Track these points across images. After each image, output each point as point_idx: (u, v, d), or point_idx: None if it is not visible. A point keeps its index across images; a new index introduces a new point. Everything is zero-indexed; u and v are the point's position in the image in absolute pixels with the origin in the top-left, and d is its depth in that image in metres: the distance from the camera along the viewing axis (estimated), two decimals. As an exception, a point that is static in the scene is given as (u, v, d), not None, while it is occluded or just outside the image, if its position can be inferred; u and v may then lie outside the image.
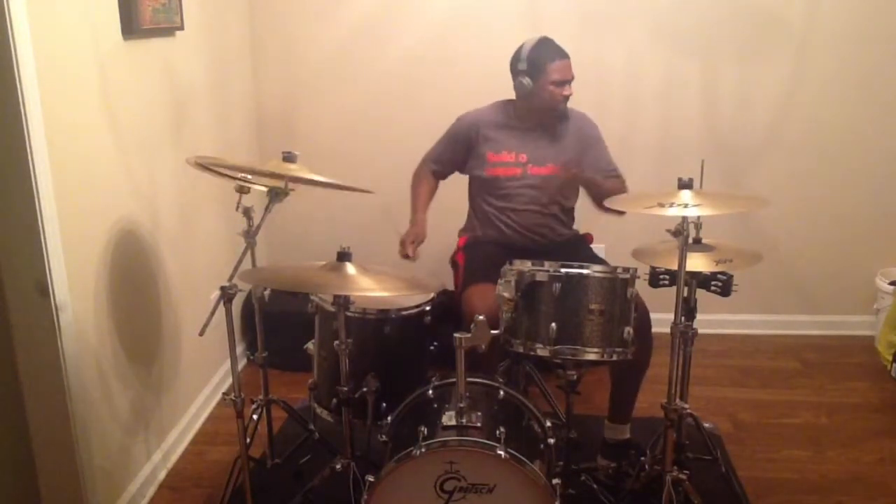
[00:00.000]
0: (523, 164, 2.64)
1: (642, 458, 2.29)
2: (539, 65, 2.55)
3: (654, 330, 2.36)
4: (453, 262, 2.76)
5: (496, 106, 2.73)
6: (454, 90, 3.34)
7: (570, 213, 2.76)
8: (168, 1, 2.52)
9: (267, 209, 2.10)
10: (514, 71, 2.61)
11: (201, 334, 2.00)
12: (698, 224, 2.17)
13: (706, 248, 2.22)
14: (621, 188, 2.65)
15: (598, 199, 2.48)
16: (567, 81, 2.57)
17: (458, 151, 2.74)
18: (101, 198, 2.22)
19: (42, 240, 1.92)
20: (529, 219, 2.65)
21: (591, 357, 1.99)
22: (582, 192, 2.73)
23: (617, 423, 2.53)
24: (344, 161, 3.42)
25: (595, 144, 2.72)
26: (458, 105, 2.77)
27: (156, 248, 2.55)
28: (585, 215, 2.79)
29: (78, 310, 2.08)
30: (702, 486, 2.17)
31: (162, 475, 2.56)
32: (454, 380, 1.90)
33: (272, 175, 2.11)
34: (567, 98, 2.60)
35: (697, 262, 2.15)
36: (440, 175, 2.83)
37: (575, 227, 2.79)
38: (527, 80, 2.57)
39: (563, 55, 2.56)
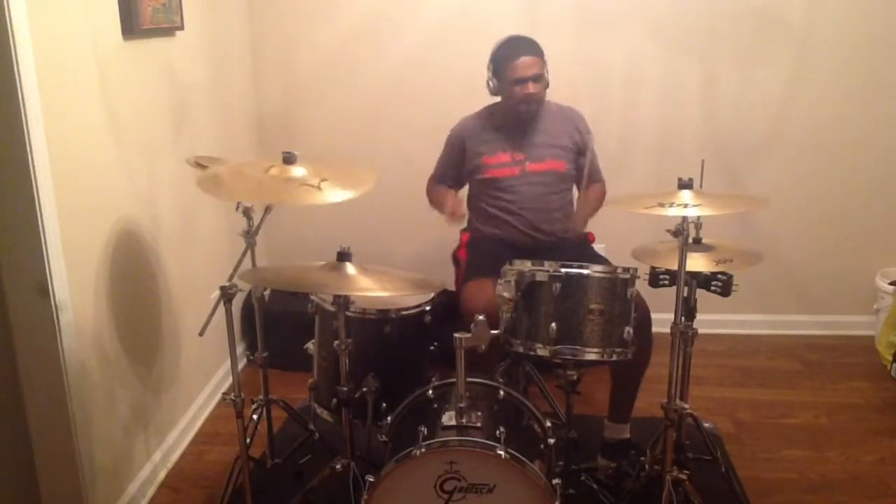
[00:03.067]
0: (521, 162, 2.63)
1: (642, 458, 2.29)
2: (501, 63, 2.53)
3: (654, 330, 2.36)
4: (455, 259, 2.76)
5: (484, 110, 2.72)
6: (454, 90, 3.33)
7: (570, 207, 2.74)
8: (168, 1, 2.52)
9: (267, 209, 2.10)
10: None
11: (201, 334, 2.01)
12: (698, 224, 2.18)
13: (706, 248, 2.22)
14: (603, 191, 2.71)
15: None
16: (528, 79, 2.49)
17: (460, 162, 2.71)
18: (101, 198, 2.21)
19: (42, 240, 1.92)
20: (531, 216, 2.64)
21: (591, 357, 1.99)
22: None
23: (617, 423, 2.53)
24: (343, 161, 3.42)
25: (591, 145, 2.60)
26: (458, 105, 2.77)
27: (156, 248, 2.55)
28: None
29: (78, 310, 2.08)
30: (702, 486, 2.17)
31: (162, 475, 2.56)
32: (454, 380, 1.90)
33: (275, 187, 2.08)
34: (530, 97, 2.52)
35: (697, 262, 2.15)
36: (452, 188, 2.77)
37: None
38: (493, 81, 2.56)
39: (528, 51, 2.49)
